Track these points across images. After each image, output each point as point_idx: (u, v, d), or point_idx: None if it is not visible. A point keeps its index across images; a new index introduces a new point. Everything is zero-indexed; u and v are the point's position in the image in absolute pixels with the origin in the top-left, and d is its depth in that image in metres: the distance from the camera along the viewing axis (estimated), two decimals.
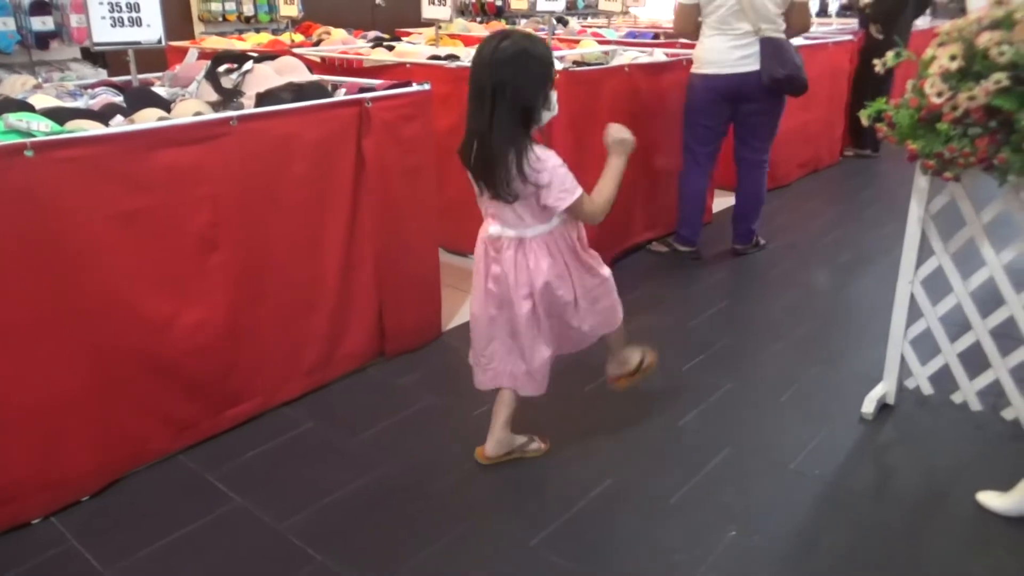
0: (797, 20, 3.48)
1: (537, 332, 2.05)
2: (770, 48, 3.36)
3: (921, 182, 2.14)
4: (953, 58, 1.81)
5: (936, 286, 2.23)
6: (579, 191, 1.96)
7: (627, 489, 2.10)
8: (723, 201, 4.65)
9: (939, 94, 1.83)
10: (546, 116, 1.90)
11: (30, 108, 2.23)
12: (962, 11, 2.24)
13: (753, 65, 3.37)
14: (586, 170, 3.35)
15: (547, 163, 1.88)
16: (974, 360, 2.19)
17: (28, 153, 1.79)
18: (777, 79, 3.37)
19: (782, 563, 1.82)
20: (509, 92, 1.79)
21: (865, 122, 2.03)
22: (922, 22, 5.95)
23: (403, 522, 1.97)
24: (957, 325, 2.22)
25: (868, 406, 2.38)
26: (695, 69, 3.57)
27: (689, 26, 3.58)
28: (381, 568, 1.81)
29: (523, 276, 1.99)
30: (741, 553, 1.85)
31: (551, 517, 1.98)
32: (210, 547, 1.88)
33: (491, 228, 2.01)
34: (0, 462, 1.86)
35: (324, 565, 1.82)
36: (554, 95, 1.89)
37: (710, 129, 3.63)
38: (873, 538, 1.90)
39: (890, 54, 2.02)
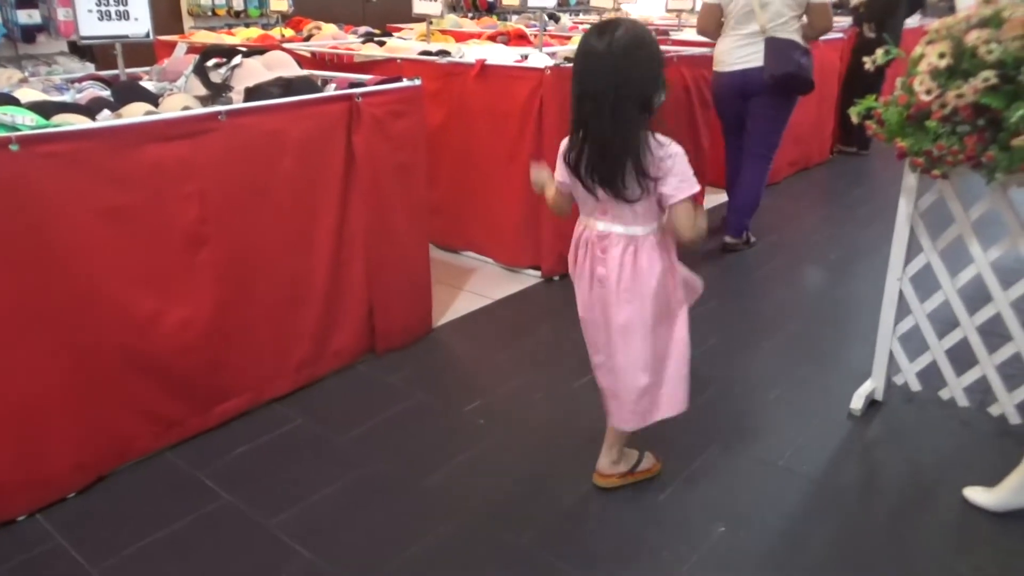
0: (817, 21, 3.61)
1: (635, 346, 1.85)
2: (773, 47, 3.49)
3: (910, 180, 2.15)
4: (942, 56, 1.82)
5: (924, 283, 2.24)
6: (697, 187, 1.76)
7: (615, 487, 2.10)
8: (713, 198, 4.67)
9: (928, 92, 1.84)
10: (660, 99, 1.75)
11: (15, 102, 2.21)
12: (951, 9, 2.25)
13: (756, 62, 3.53)
14: None
15: (669, 148, 1.74)
16: (961, 357, 2.20)
17: (13, 147, 1.77)
18: (776, 76, 3.47)
19: (769, 560, 1.83)
20: (635, 83, 1.68)
21: (855, 120, 2.04)
22: (912, 20, 5.97)
23: (392, 519, 1.96)
24: (945, 322, 2.23)
25: (856, 403, 2.40)
26: (713, 67, 3.80)
27: (711, 25, 3.74)
28: (369, 565, 1.80)
29: (627, 276, 1.81)
30: (728, 550, 1.85)
31: (540, 515, 1.97)
32: (198, 544, 1.87)
33: (599, 225, 1.84)
34: None
35: (312, 562, 1.81)
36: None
37: (727, 122, 3.87)
38: (860, 534, 1.91)
39: (880, 52, 2.03)
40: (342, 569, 1.79)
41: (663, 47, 4.46)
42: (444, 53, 3.86)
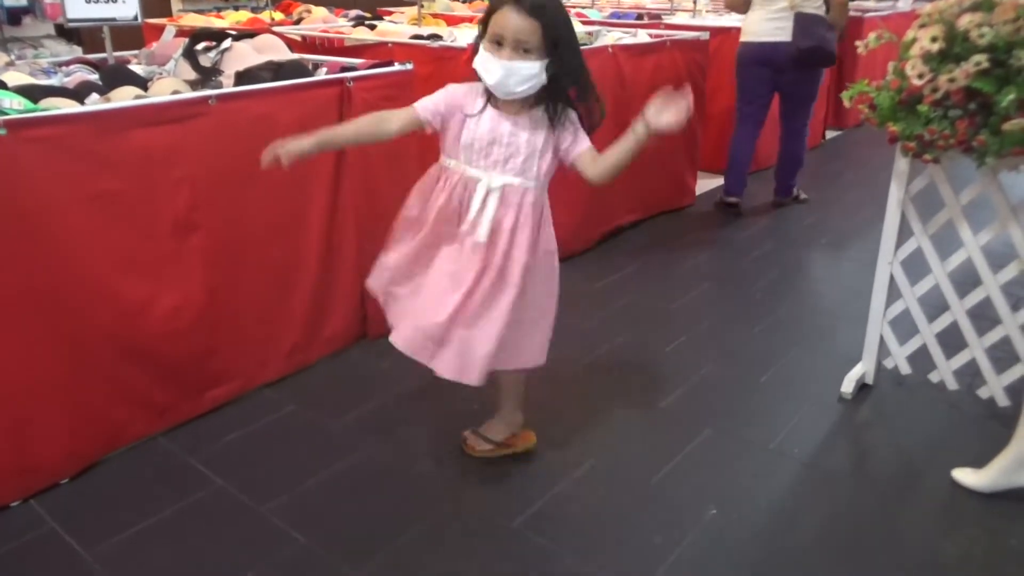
0: (835, 16, 3.82)
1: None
2: (801, 21, 3.73)
3: (901, 164, 2.16)
4: (934, 40, 1.82)
5: (915, 267, 2.25)
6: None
7: (608, 470, 2.11)
8: (706, 183, 4.66)
9: (920, 76, 1.84)
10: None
11: (2, 86, 2.19)
12: None
13: (784, 36, 3.77)
14: None
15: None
16: (951, 340, 2.22)
17: (0, 132, 1.75)
18: (802, 49, 3.70)
19: (760, 541, 1.85)
20: None
21: (847, 104, 2.04)
22: (904, 4, 5.96)
23: (386, 504, 1.97)
24: (935, 306, 2.24)
25: (847, 386, 2.41)
26: (741, 38, 4.02)
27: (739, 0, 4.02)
28: (363, 550, 1.81)
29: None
30: (720, 532, 1.87)
31: (533, 498, 1.99)
32: (191, 529, 1.88)
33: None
34: None
35: (307, 547, 1.82)
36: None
37: (749, 90, 4.04)
38: (849, 516, 1.93)
39: (872, 35, 2.03)
40: (335, 554, 1.80)
41: (655, 31, 4.48)
42: (436, 37, 3.83)
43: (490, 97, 1.77)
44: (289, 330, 2.49)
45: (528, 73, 1.66)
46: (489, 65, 1.68)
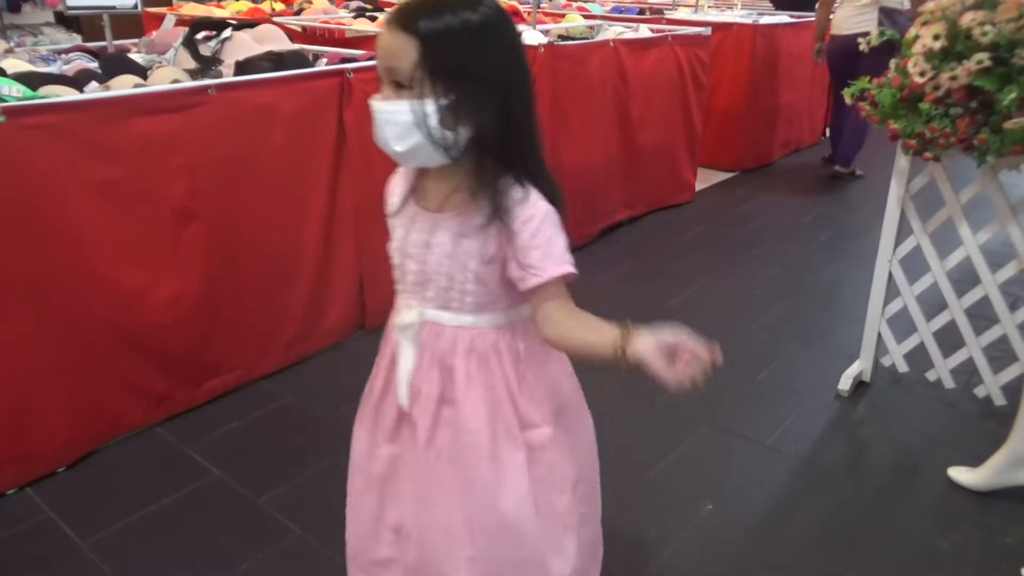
0: (915, 9, 4.18)
1: None
2: (882, 14, 4.23)
3: (902, 162, 2.15)
4: (936, 38, 1.82)
5: (914, 265, 2.25)
6: None
7: (604, 464, 2.10)
8: (707, 179, 4.67)
9: (922, 73, 1.84)
10: None
11: (1, 73, 2.18)
12: None
13: (867, 27, 4.20)
14: (567, 148, 3.36)
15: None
16: (949, 339, 2.22)
17: (0, 119, 1.75)
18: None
19: (756, 537, 1.85)
20: None
21: (848, 101, 2.04)
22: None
23: None
24: (933, 304, 2.25)
25: (844, 383, 2.42)
26: (831, 31, 4.48)
27: None
28: None
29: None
30: (715, 528, 1.88)
31: None
32: (188, 519, 1.88)
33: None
34: None
35: (302, 538, 1.82)
36: None
37: (837, 78, 4.51)
38: (845, 513, 1.94)
39: (874, 33, 2.02)
40: (332, 545, 1.80)
41: (657, 26, 4.49)
42: None
43: (414, 185, 1.14)
44: (287, 322, 2.49)
45: (395, 118, 1.00)
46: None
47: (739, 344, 2.76)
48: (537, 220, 1.04)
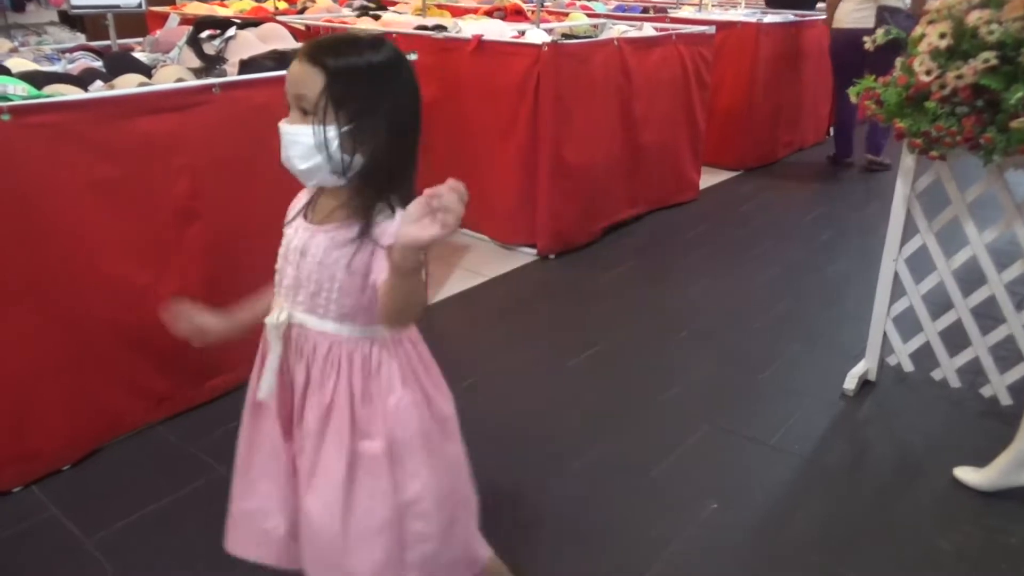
0: (915, 8, 4.31)
1: None
2: (882, 12, 4.38)
3: (907, 161, 2.15)
4: (943, 36, 1.81)
5: (919, 264, 2.24)
6: None
7: (606, 463, 2.11)
8: (710, 177, 4.66)
9: (928, 72, 1.83)
10: None
11: (6, 72, 2.18)
12: None
13: (866, 23, 4.37)
14: (570, 147, 3.36)
15: None
16: (954, 338, 2.22)
17: (4, 117, 1.75)
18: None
19: (759, 536, 1.85)
20: None
21: (854, 99, 2.03)
22: None
23: None
24: (939, 304, 2.24)
25: (849, 383, 2.41)
26: (832, 25, 4.68)
27: None
28: None
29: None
30: (718, 527, 1.87)
31: (530, 490, 1.99)
32: (190, 517, 1.88)
33: None
34: None
35: None
36: None
37: (840, 70, 4.71)
38: (848, 512, 1.93)
39: (880, 32, 2.02)
40: None
41: (660, 25, 4.50)
42: (440, 28, 3.82)
43: (311, 199, 1.29)
44: None
45: (300, 141, 1.13)
46: None
47: (742, 343, 2.76)
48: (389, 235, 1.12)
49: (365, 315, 1.19)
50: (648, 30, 4.07)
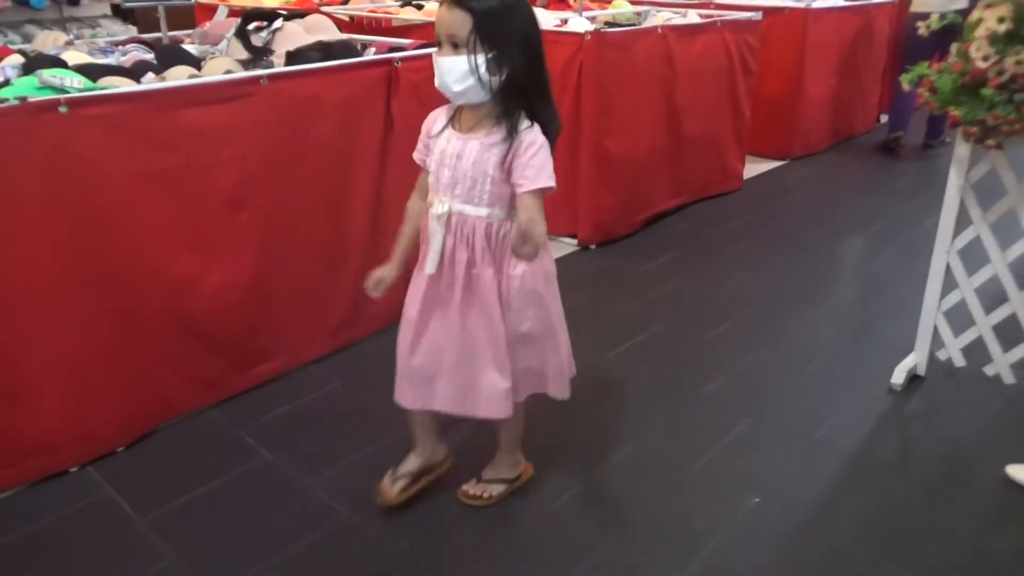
0: None
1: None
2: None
3: (961, 150, 2.09)
4: (1001, 20, 1.75)
5: (973, 256, 2.18)
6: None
7: (649, 455, 2.11)
8: (755, 167, 4.59)
9: (985, 58, 1.78)
10: None
11: (63, 64, 2.24)
12: None
13: (962, 4, 4.31)
14: (613, 137, 3.33)
15: None
16: (1009, 333, 2.15)
17: (62, 109, 1.80)
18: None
19: (802, 531, 1.83)
20: None
21: (906, 87, 1.98)
22: None
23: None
24: (992, 297, 2.18)
25: (897, 377, 2.36)
26: (912, 8, 4.69)
27: None
28: (405, 526, 1.84)
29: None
30: (762, 521, 1.85)
31: (573, 481, 1.99)
32: (239, 500, 1.93)
33: None
34: (36, 413, 1.92)
35: (351, 521, 1.86)
36: None
37: (914, 50, 4.38)
38: (895, 509, 1.90)
39: (935, 17, 1.96)
40: (379, 528, 1.84)
41: (705, 11, 4.43)
42: None
43: (454, 116, 1.63)
44: (335, 308, 2.53)
45: (457, 68, 1.48)
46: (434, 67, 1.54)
47: (786, 335, 2.72)
48: (536, 146, 1.53)
49: (508, 200, 1.57)
50: (693, 17, 4.01)
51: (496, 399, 1.68)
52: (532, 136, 1.53)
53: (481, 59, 1.47)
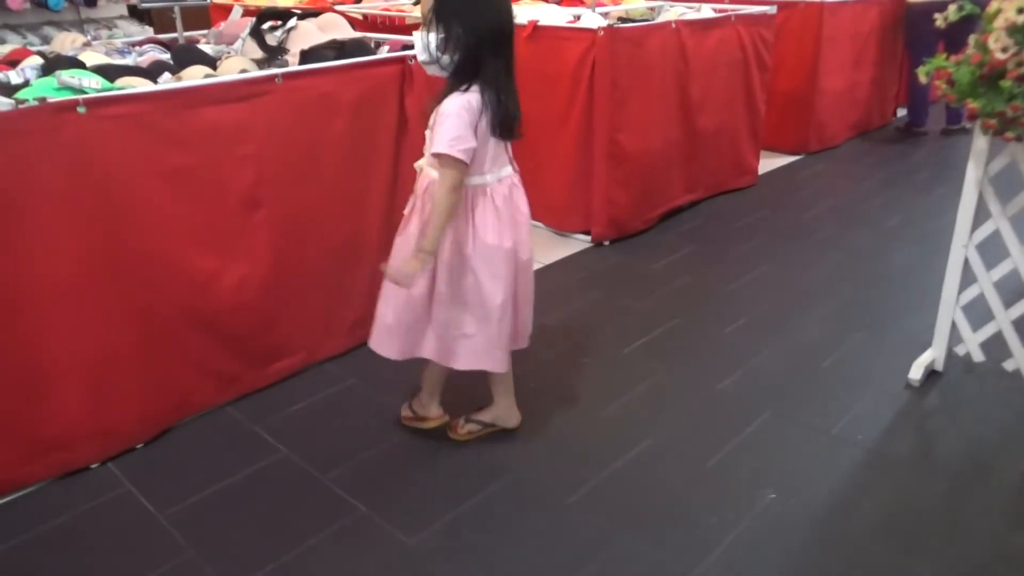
0: None
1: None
2: None
3: (980, 143, 2.07)
4: (1021, 11, 1.73)
5: (991, 250, 2.16)
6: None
7: (665, 451, 2.11)
8: (770, 162, 4.56)
9: (1004, 49, 1.76)
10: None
11: (81, 65, 2.27)
12: None
13: None
14: (627, 132, 3.33)
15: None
16: None
17: (80, 110, 1.83)
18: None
19: (819, 527, 1.82)
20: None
21: (923, 79, 1.96)
22: None
23: (442, 477, 2.01)
24: (1012, 291, 2.16)
25: (915, 372, 2.34)
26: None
27: None
28: (421, 520, 1.85)
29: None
30: (778, 517, 1.85)
31: (588, 476, 2.00)
32: (258, 495, 1.95)
33: (509, 167, 1.95)
34: (57, 409, 1.94)
35: (366, 516, 1.87)
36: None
37: (917, 40, 4.88)
38: (913, 506, 1.88)
39: (952, 8, 1.94)
40: (395, 523, 1.85)
41: (719, 6, 4.40)
42: None
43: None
44: (351, 305, 2.54)
45: (418, 43, 1.78)
46: None
47: (802, 331, 2.71)
48: (445, 115, 1.72)
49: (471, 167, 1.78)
50: (707, 11, 3.99)
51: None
52: (447, 105, 1.73)
53: (433, 37, 1.71)
